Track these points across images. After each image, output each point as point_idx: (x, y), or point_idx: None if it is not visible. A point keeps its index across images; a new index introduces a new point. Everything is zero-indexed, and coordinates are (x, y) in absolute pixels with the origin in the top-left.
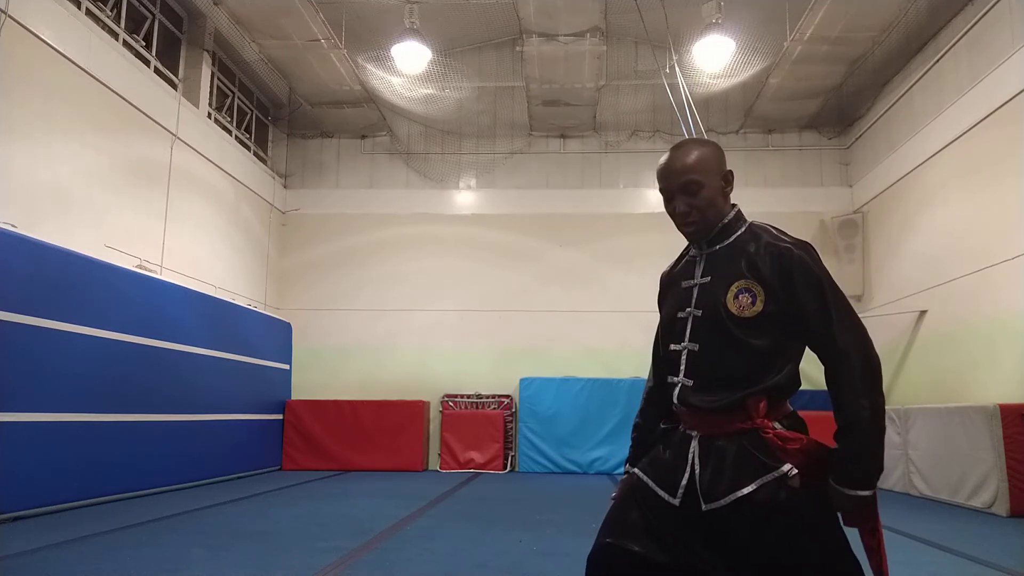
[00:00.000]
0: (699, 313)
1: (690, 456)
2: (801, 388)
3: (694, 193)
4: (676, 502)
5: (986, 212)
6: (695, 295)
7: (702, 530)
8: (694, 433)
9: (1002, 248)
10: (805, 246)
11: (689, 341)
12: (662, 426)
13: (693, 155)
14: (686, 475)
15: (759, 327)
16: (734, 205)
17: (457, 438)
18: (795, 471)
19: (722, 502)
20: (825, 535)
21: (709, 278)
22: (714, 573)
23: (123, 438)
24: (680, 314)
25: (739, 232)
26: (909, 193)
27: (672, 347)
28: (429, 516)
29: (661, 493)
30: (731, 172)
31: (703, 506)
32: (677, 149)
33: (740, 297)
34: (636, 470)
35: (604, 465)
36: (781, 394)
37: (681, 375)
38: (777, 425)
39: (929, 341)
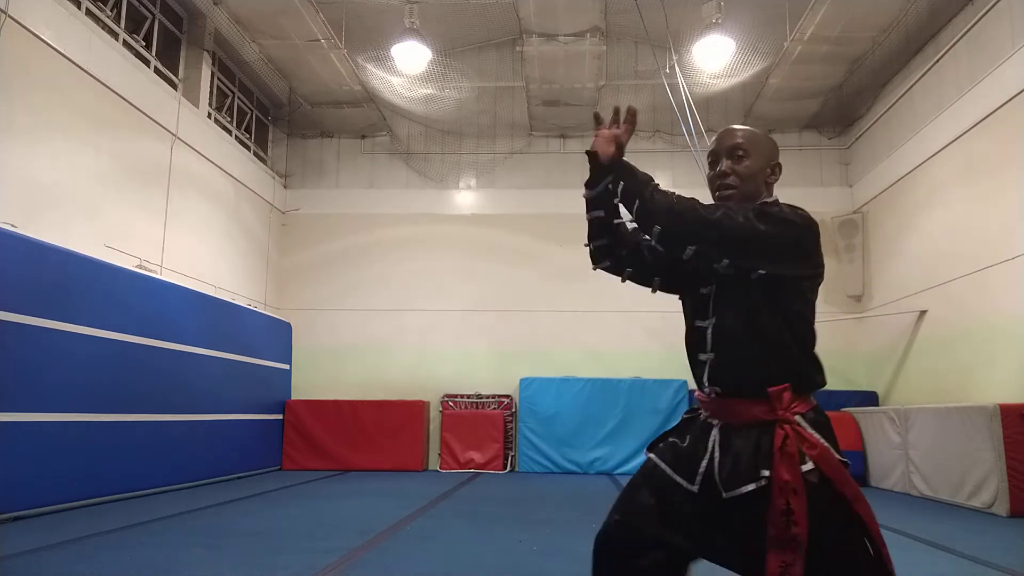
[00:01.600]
0: (705, 292)
1: (711, 444)
2: None
3: (739, 159)
4: (695, 488)
5: (986, 212)
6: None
7: (718, 518)
8: (715, 421)
9: (1002, 248)
10: (797, 210)
11: (712, 317)
12: (684, 416)
13: (749, 132)
14: (704, 462)
15: (762, 299)
16: (776, 198)
17: (457, 438)
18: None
19: (741, 490)
20: (844, 529)
21: None
22: (726, 560)
23: (123, 438)
24: (703, 290)
25: None
26: (909, 193)
27: (698, 324)
28: (429, 516)
29: (679, 479)
30: (780, 165)
31: (723, 494)
32: (734, 126)
33: None
34: (653, 456)
35: (604, 465)
36: (803, 383)
37: (709, 350)
38: (799, 419)
39: (929, 341)
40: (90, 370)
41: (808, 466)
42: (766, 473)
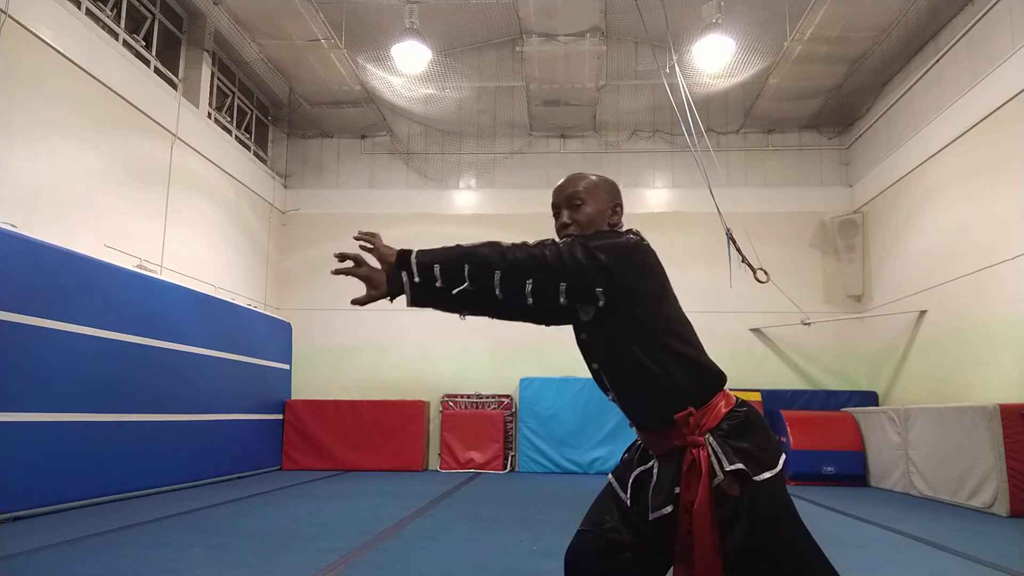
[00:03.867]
0: (584, 336)
1: (652, 463)
2: (800, 388)
3: (577, 207)
4: (627, 502)
5: (986, 212)
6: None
7: (658, 535)
8: (651, 451)
9: (1002, 248)
10: (625, 233)
11: (595, 361)
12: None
13: (584, 180)
14: (633, 475)
15: (626, 334)
16: (625, 232)
17: (457, 438)
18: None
19: (661, 512)
20: (782, 532)
21: None
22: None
23: (123, 438)
24: (582, 335)
25: None
26: (909, 193)
27: (593, 366)
28: (429, 516)
29: (621, 494)
30: (621, 205)
31: (648, 516)
32: (571, 175)
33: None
34: (611, 478)
35: (604, 465)
36: (703, 394)
37: (610, 390)
38: (709, 437)
39: (929, 341)
40: (90, 370)
41: (719, 478)
42: (676, 491)
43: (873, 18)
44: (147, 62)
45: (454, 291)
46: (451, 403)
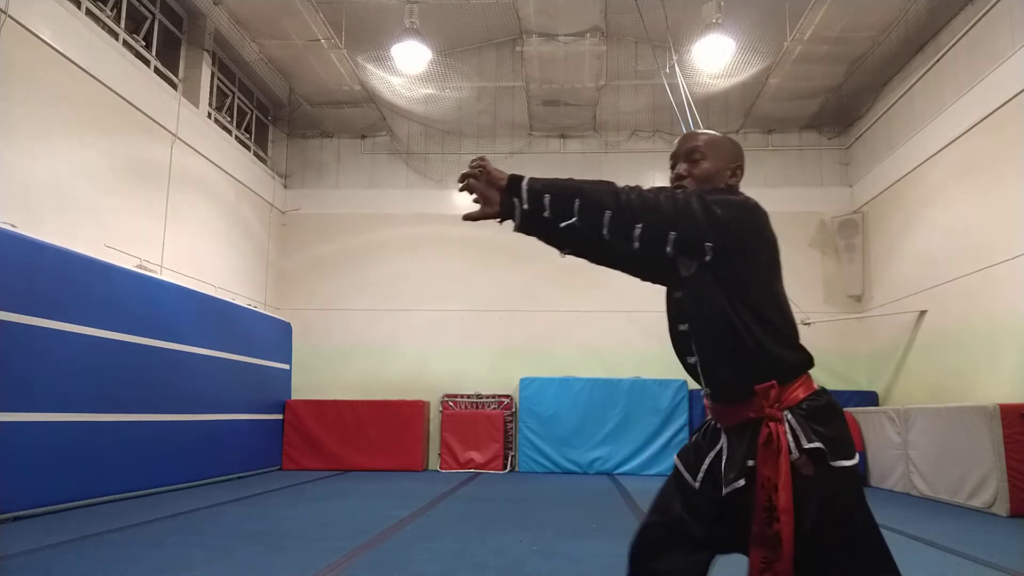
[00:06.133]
0: (679, 295)
1: (720, 447)
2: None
3: (695, 162)
4: (696, 485)
5: (986, 212)
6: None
7: (727, 515)
8: (720, 425)
9: (1002, 248)
10: (741, 196)
11: (688, 320)
12: (706, 418)
13: (707, 135)
14: (706, 463)
15: (729, 297)
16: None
17: (457, 438)
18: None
19: (734, 486)
20: (855, 523)
21: None
22: (741, 549)
23: (123, 438)
24: (676, 294)
25: None
26: (909, 193)
27: (680, 328)
28: (429, 516)
29: (691, 480)
30: (742, 167)
31: (722, 492)
32: (695, 130)
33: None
34: (676, 459)
35: (604, 465)
36: (788, 372)
37: (694, 352)
38: (787, 414)
39: (929, 341)
40: (90, 370)
41: (795, 455)
42: (751, 463)
43: (873, 18)
44: (147, 62)
45: (561, 224)
46: (451, 403)
